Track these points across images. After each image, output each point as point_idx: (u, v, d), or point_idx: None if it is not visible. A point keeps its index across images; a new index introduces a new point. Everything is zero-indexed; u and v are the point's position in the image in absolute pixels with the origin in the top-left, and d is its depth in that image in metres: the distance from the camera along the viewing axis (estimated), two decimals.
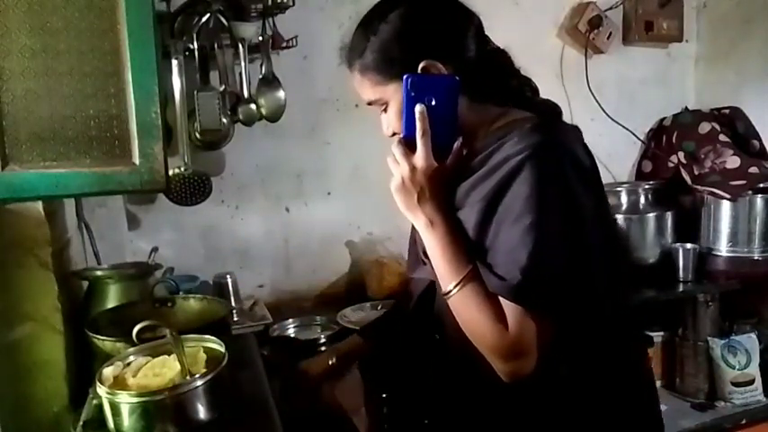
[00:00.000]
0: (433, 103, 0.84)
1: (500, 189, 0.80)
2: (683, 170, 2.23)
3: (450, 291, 0.83)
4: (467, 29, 0.89)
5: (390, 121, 0.92)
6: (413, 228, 1.02)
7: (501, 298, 0.78)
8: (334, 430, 1.27)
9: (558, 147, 0.82)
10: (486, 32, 0.93)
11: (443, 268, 0.84)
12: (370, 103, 0.93)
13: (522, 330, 0.77)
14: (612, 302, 0.88)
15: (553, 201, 0.77)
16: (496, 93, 0.92)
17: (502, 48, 0.94)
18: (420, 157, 0.85)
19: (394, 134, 0.92)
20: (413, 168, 0.85)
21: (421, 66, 0.85)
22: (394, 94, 0.88)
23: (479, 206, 0.82)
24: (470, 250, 0.82)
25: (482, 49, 0.91)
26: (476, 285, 0.80)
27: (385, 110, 0.92)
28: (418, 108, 0.84)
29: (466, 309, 0.81)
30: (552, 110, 0.95)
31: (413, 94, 0.84)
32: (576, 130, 0.92)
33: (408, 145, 0.86)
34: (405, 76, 0.84)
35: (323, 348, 1.70)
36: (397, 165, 0.87)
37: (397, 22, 0.87)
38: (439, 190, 0.85)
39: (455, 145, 0.87)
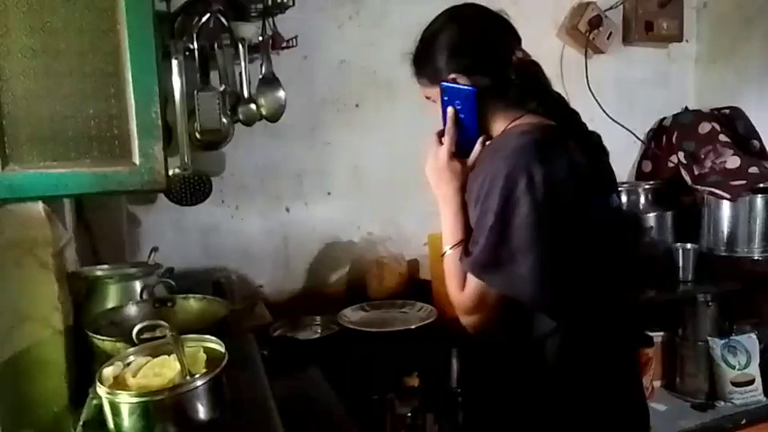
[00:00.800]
0: (460, 107, 1.07)
1: (482, 188, 1.00)
2: (683, 170, 2.23)
3: (445, 252, 1.06)
4: (502, 45, 1.09)
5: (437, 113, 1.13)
6: None
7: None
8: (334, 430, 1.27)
9: (534, 149, 0.96)
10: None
11: (446, 234, 1.07)
12: (427, 98, 1.15)
13: (470, 293, 1.00)
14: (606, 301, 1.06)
15: (518, 196, 0.94)
16: (523, 99, 1.08)
17: (535, 60, 1.12)
18: (444, 148, 1.09)
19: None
20: (441, 155, 1.08)
21: (450, 77, 1.07)
22: (437, 96, 1.10)
23: (470, 200, 1.05)
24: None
25: (517, 62, 1.08)
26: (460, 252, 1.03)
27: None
28: (450, 110, 1.08)
29: (448, 266, 1.05)
30: (565, 117, 1.09)
31: (446, 98, 1.08)
32: (562, 139, 1.03)
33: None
34: (441, 83, 1.07)
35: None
36: (432, 150, 1.10)
37: (442, 40, 1.09)
38: (455, 176, 1.07)
39: (477, 144, 1.08)
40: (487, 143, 1.08)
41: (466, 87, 1.05)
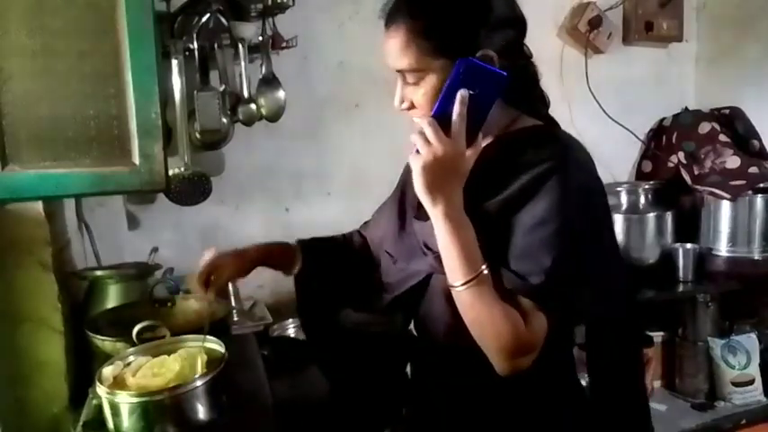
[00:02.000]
0: (477, 92, 0.81)
1: (525, 192, 0.81)
2: (683, 170, 2.23)
3: (463, 284, 0.80)
4: (524, 31, 0.91)
5: (416, 95, 0.86)
6: (399, 212, 1.03)
7: (520, 297, 0.80)
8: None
9: (583, 162, 0.86)
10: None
11: (457, 261, 0.80)
12: (400, 71, 0.86)
13: (536, 329, 0.79)
14: (626, 307, 0.93)
15: (577, 211, 0.81)
16: (523, 99, 0.93)
17: (532, 59, 0.94)
18: (455, 143, 0.80)
19: (410, 108, 0.88)
20: (446, 151, 0.79)
21: (480, 53, 0.81)
22: (439, 69, 0.82)
23: (500, 205, 0.83)
24: (484, 246, 0.82)
25: (522, 56, 0.92)
26: (490, 281, 0.80)
27: (416, 83, 0.85)
28: (462, 93, 0.79)
29: (479, 303, 0.80)
30: (556, 125, 0.96)
31: (461, 78, 0.80)
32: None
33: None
34: (460, 60, 0.80)
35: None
36: (426, 143, 0.80)
37: (487, 3, 0.83)
38: (462, 179, 0.82)
39: (478, 139, 0.84)
40: (511, 149, 0.87)
41: (499, 71, 0.82)
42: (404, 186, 1.06)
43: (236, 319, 1.65)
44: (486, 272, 0.80)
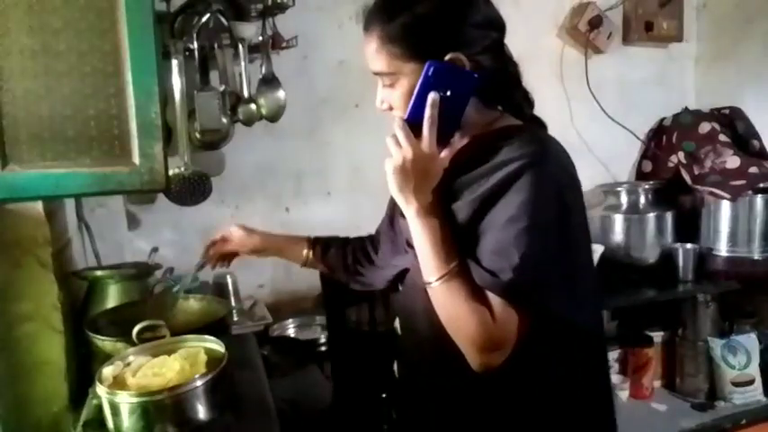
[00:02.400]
0: (448, 94, 0.83)
1: (497, 191, 0.82)
2: (683, 170, 2.23)
3: (436, 280, 0.83)
4: (503, 33, 0.91)
5: (392, 98, 0.90)
6: (391, 212, 1.08)
7: (488, 293, 0.81)
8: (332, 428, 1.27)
9: (555, 159, 0.85)
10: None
11: (430, 257, 0.84)
12: (376, 73, 0.90)
13: (506, 324, 0.80)
14: (592, 308, 0.93)
15: (547, 209, 0.81)
16: (502, 99, 0.94)
17: (514, 59, 0.95)
18: (425, 145, 0.83)
19: (389, 109, 0.92)
20: (416, 153, 0.83)
21: (449, 56, 0.84)
22: (410, 73, 0.86)
23: (474, 203, 0.84)
24: (458, 243, 0.84)
25: (502, 56, 0.92)
26: (463, 277, 0.82)
27: (391, 85, 0.89)
28: (432, 96, 0.82)
29: (450, 299, 0.82)
30: (541, 124, 0.97)
31: (431, 80, 0.83)
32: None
33: (410, 128, 0.85)
34: (428, 63, 0.82)
35: (323, 349, 1.70)
36: (397, 146, 0.84)
37: (438, 3, 0.85)
38: (434, 180, 0.85)
39: (454, 140, 0.87)
40: (488, 149, 0.87)
41: (468, 73, 0.84)
42: None
43: (236, 319, 1.65)
44: (457, 269, 0.82)
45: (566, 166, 0.87)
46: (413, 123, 0.84)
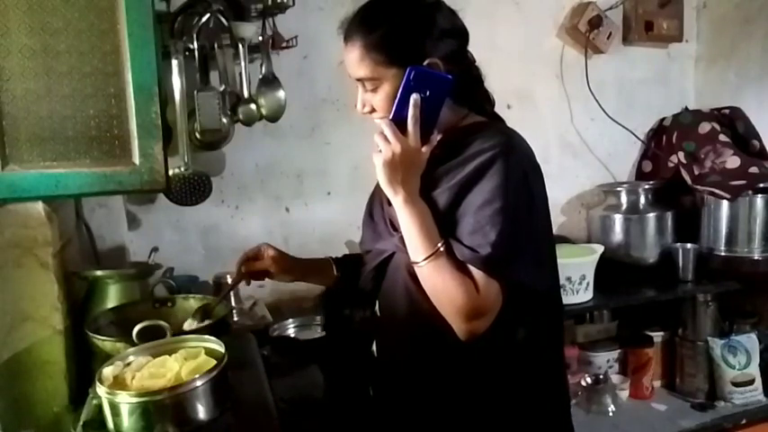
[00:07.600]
0: (427, 94, 0.94)
1: (473, 177, 0.93)
2: (683, 170, 2.23)
3: (424, 259, 0.93)
4: (467, 40, 1.03)
5: (375, 101, 1.00)
6: (370, 206, 1.19)
7: (470, 266, 0.91)
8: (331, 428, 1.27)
9: (520, 149, 0.97)
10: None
11: (418, 240, 0.94)
12: (359, 79, 1.00)
13: (487, 294, 0.91)
14: (551, 276, 1.05)
15: (517, 192, 0.92)
16: (468, 99, 1.05)
17: (476, 63, 1.07)
18: (411, 140, 0.94)
19: (371, 112, 1.02)
20: (403, 148, 0.93)
21: (427, 61, 0.95)
22: (392, 77, 0.96)
23: (452, 190, 0.95)
24: (440, 225, 0.95)
25: (466, 61, 1.04)
26: (447, 255, 0.93)
27: (374, 90, 0.99)
28: (414, 97, 0.93)
29: (438, 276, 0.93)
30: (501, 119, 1.10)
31: (412, 83, 0.93)
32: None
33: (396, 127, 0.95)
34: (410, 68, 0.93)
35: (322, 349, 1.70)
36: (386, 142, 0.94)
37: (413, 14, 0.96)
38: (419, 171, 0.96)
39: (433, 135, 0.97)
40: (462, 142, 0.98)
41: (444, 76, 0.95)
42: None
43: (236, 318, 1.65)
44: (442, 248, 0.93)
45: (529, 154, 0.99)
46: (397, 122, 0.95)
